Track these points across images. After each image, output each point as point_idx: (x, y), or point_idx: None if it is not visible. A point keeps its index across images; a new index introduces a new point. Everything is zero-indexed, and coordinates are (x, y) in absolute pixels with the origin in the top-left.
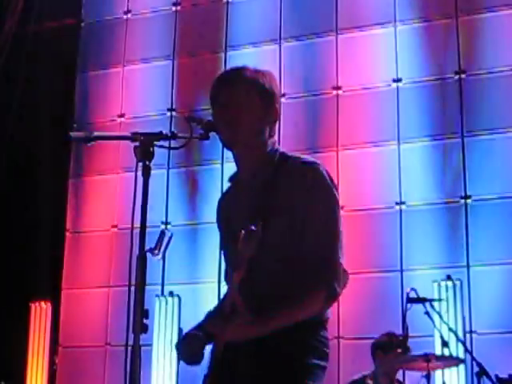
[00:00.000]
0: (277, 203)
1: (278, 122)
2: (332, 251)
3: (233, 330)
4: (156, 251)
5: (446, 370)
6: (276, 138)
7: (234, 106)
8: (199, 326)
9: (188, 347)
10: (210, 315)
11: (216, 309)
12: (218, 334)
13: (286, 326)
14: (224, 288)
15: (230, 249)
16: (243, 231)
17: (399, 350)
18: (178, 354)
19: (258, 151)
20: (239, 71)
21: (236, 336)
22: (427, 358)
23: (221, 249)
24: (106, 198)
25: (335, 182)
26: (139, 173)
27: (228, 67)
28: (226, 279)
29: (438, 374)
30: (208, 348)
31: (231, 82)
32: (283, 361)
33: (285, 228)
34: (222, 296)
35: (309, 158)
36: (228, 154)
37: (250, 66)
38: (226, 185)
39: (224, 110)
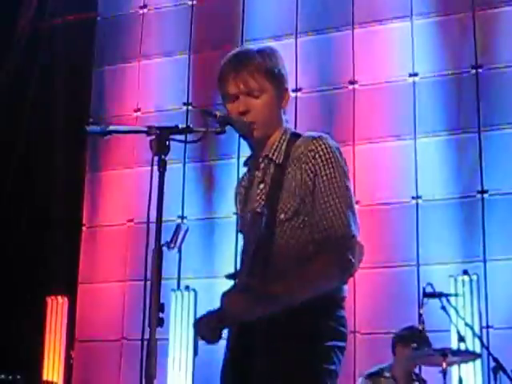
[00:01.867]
0: (288, 187)
1: (294, 116)
2: (344, 224)
3: (240, 306)
4: (172, 245)
5: (463, 365)
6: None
7: (245, 96)
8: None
9: (205, 325)
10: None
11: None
12: (229, 314)
13: (300, 299)
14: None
15: (244, 229)
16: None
17: (420, 345)
18: (196, 332)
19: (273, 134)
20: (245, 58)
21: (244, 314)
22: (444, 353)
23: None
24: (122, 192)
25: (343, 154)
26: (155, 167)
27: (230, 53)
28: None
29: (454, 369)
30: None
31: (238, 70)
32: (299, 345)
33: (296, 208)
34: None
35: (316, 133)
36: (243, 149)
37: (252, 48)
38: (242, 168)
39: (236, 102)
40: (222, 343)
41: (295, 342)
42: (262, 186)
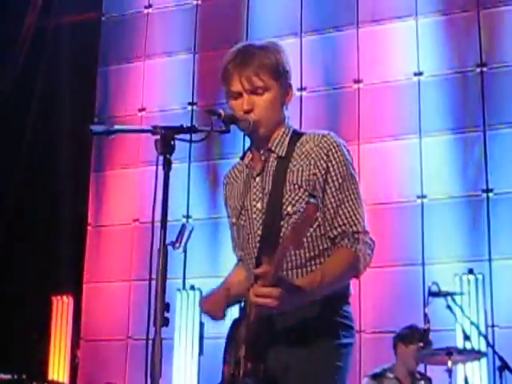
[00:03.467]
0: (294, 180)
1: (299, 116)
2: (359, 221)
3: (281, 300)
4: (177, 244)
5: (468, 364)
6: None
7: (249, 94)
8: (224, 288)
9: (211, 301)
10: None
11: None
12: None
13: (327, 292)
14: None
15: (241, 223)
16: (306, 204)
17: (421, 344)
18: (201, 307)
19: (275, 130)
20: (249, 56)
21: (282, 307)
22: (449, 351)
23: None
24: (127, 191)
25: (350, 151)
26: (160, 166)
27: (234, 49)
28: (235, 252)
29: (459, 367)
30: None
31: (242, 68)
32: (311, 344)
33: (305, 201)
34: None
35: (323, 131)
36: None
37: (256, 44)
38: (237, 161)
39: (240, 99)
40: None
41: (306, 336)
42: (258, 179)
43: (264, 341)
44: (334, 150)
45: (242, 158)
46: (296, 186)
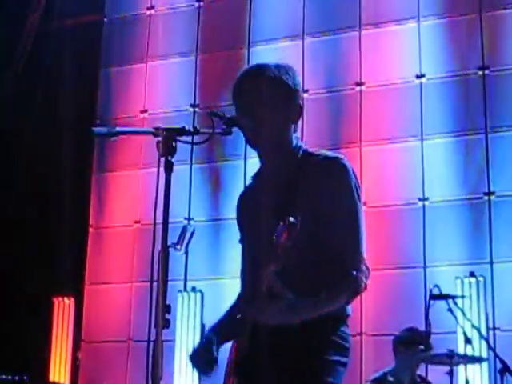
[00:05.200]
0: (301, 201)
1: (301, 118)
2: (357, 248)
3: (273, 311)
4: (178, 246)
5: (469, 367)
6: (299, 134)
7: (257, 106)
8: (214, 329)
9: (200, 357)
10: (223, 320)
11: (230, 311)
12: (249, 318)
13: (318, 314)
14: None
15: (249, 244)
16: (282, 223)
17: (421, 346)
18: (193, 366)
19: (282, 149)
20: (262, 69)
21: (275, 318)
22: (450, 354)
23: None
24: (129, 193)
25: (358, 176)
26: (162, 168)
27: (251, 64)
28: (242, 275)
29: (461, 370)
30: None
31: (254, 80)
32: (304, 357)
33: (309, 225)
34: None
35: (331, 153)
36: (250, 151)
37: (271, 63)
38: (249, 181)
39: (247, 110)
40: (226, 346)
41: (301, 354)
42: (269, 199)
43: (256, 357)
44: (339, 176)
45: (254, 178)
46: (302, 206)
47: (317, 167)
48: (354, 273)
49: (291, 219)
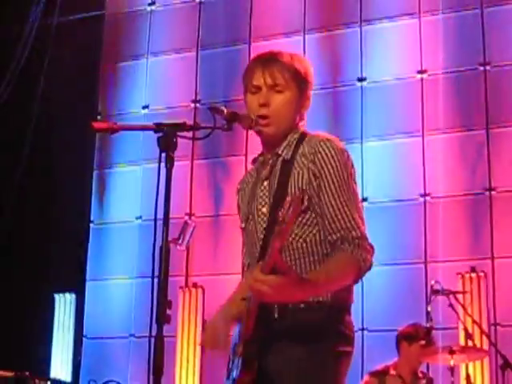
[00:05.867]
0: (296, 183)
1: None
2: (356, 226)
3: (279, 288)
4: (179, 242)
5: (470, 362)
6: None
7: (268, 89)
8: (221, 312)
9: (211, 337)
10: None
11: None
12: (255, 298)
13: (327, 290)
14: None
15: (248, 228)
16: (288, 199)
17: (423, 342)
18: (204, 347)
19: (287, 135)
20: (277, 56)
21: (281, 295)
22: (451, 349)
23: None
24: (130, 189)
25: (351, 157)
26: (163, 164)
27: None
28: (244, 259)
29: (462, 366)
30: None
31: (267, 64)
32: (309, 348)
33: (305, 205)
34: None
35: (325, 135)
36: (251, 146)
37: (285, 51)
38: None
39: (257, 94)
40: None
41: (306, 345)
42: (266, 183)
43: (260, 341)
44: (327, 156)
45: (254, 163)
46: (298, 190)
47: (307, 147)
48: (360, 249)
49: (297, 194)
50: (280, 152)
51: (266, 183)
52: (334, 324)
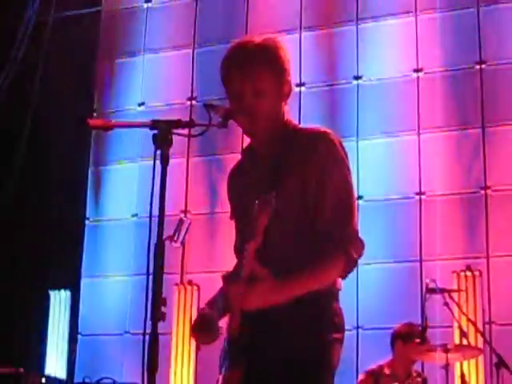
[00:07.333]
0: (288, 176)
1: (298, 111)
2: (348, 221)
3: (256, 295)
4: (174, 239)
5: (465, 361)
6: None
7: (250, 96)
8: (211, 303)
9: (202, 329)
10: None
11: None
12: (235, 303)
13: (308, 290)
14: None
15: (241, 221)
16: (257, 201)
17: (418, 341)
18: (195, 339)
19: (274, 125)
20: (248, 55)
21: (259, 302)
22: (446, 348)
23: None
24: (125, 186)
25: (346, 149)
26: (158, 161)
27: (233, 46)
28: (235, 251)
29: (456, 364)
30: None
31: (243, 68)
32: (299, 339)
33: (297, 201)
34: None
35: (320, 127)
36: (246, 143)
37: (255, 41)
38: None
39: (240, 100)
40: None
41: (297, 335)
42: (256, 176)
43: (249, 336)
44: (326, 148)
45: (243, 154)
46: (291, 181)
47: (304, 142)
48: (346, 246)
49: (266, 196)
50: (271, 145)
51: (256, 176)
52: (322, 312)
